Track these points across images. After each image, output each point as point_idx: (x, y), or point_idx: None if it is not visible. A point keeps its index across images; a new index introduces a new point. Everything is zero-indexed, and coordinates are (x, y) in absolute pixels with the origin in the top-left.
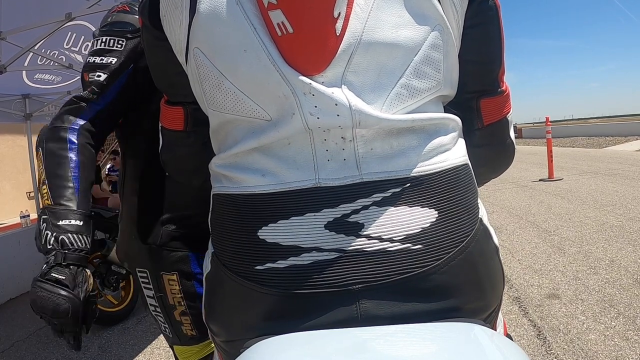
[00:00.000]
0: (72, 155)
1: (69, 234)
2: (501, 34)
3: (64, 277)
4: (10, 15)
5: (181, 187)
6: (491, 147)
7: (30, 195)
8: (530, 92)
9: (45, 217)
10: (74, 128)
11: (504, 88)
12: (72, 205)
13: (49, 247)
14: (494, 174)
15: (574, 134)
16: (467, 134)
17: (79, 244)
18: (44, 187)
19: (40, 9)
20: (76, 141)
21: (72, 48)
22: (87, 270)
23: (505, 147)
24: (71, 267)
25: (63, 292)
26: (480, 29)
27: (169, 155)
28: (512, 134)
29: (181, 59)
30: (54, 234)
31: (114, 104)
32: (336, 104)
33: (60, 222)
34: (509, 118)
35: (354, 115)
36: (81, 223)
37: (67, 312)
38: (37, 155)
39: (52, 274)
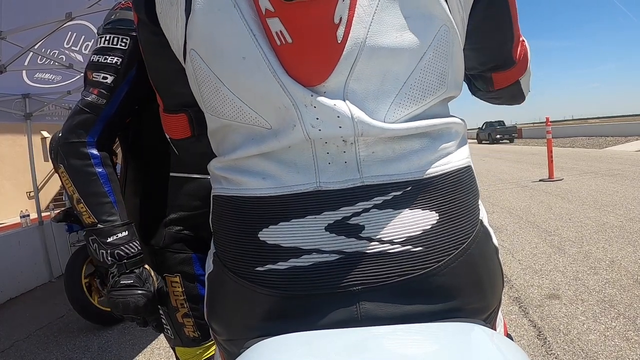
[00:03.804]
0: (99, 170)
1: (121, 247)
2: (512, 16)
3: (132, 281)
4: (10, 15)
5: (184, 188)
6: (502, 99)
7: (30, 195)
8: (531, 92)
9: (93, 237)
10: (91, 141)
11: (516, 58)
12: (115, 218)
13: (108, 262)
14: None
15: (574, 134)
16: (479, 90)
17: (132, 250)
18: (81, 205)
19: (40, 8)
20: (98, 154)
21: (73, 47)
22: (147, 266)
23: (514, 98)
24: (134, 270)
25: (138, 291)
26: (489, 21)
27: (187, 158)
28: (523, 88)
29: (180, 58)
30: (109, 251)
31: (123, 105)
32: (338, 116)
33: (109, 239)
34: (520, 80)
35: (357, 126)
36: (127, 233)
37: (147, 306)
38: (59, 172)
39: (121, 282)
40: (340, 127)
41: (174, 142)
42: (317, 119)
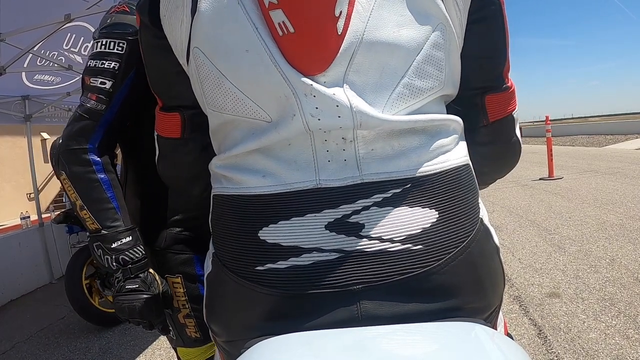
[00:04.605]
0: (101, 176)
1: (125, 252)
2: (505, 30)
3: (137, 285)
4: (9, 17)
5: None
6: (496, 145)
7: (30, 196)
8: (530, 90)
9: (98, 243)
10: (92, 147)
11: (509, 84)
12: (118, 224)
13: (113, 268)
14: (499, 174)
15: (574, 132)
16: (472, 131)
17: (137, 255)
18: (84, 211)
19: (39, 10)
20: (99, 160)
21: (72, 49)
22: (151, 270)
23: (510, 145)
24: (139, 275)
25: (144, 296)
26: (483, 24)
27: (166, 164)
28: (517, 132)
29: (182, 60)
30: (113, 257)
31: (122, 110)
32: (337, 105)
33: (114, 245)
34: (514, 115)
35: (355, 116)
36: (131, 238)
37: (152, 310)
38: (60, 178)
39: (126, 287)
40: (339, 116)
41: (160, 139)
42: (317, 108)
